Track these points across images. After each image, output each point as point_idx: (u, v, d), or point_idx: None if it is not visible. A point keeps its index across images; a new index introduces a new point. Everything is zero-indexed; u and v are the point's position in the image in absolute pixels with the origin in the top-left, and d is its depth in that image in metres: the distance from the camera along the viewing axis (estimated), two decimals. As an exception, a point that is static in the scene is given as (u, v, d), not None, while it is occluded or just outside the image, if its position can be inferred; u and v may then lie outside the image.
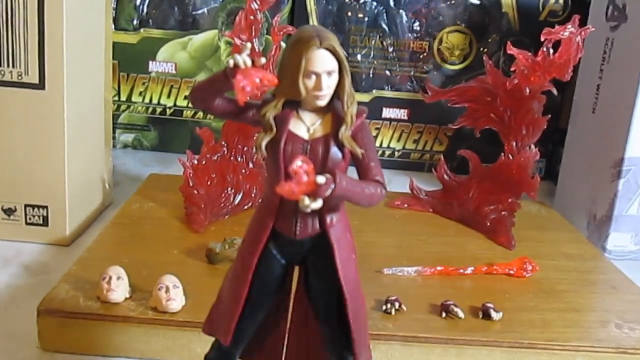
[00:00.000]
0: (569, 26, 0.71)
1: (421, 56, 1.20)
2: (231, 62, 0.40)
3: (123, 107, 1.20)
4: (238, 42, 0.78)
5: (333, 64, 0.41)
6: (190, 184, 0.80)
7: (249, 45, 0.42)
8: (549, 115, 0.81)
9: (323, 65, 0.41)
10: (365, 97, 1.20)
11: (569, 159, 1.01)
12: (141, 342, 0.58)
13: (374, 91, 1.21)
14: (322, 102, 0.42)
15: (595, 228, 0.91)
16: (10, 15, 0.73)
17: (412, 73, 1.20)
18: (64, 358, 0.58)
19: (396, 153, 1.23)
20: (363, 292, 0.46)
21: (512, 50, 0.76)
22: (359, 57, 1.19)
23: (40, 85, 0.75)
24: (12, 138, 0.76)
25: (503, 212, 0.84)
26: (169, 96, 1.20)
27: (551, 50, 0.76)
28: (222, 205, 0.82)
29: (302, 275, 0.46)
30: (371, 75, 1.20)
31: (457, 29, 1.19)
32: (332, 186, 0.39)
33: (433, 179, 0.93)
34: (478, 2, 1.18)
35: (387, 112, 1.21)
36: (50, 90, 0.75)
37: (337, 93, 0.42)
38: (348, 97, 0.42)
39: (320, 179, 0.38)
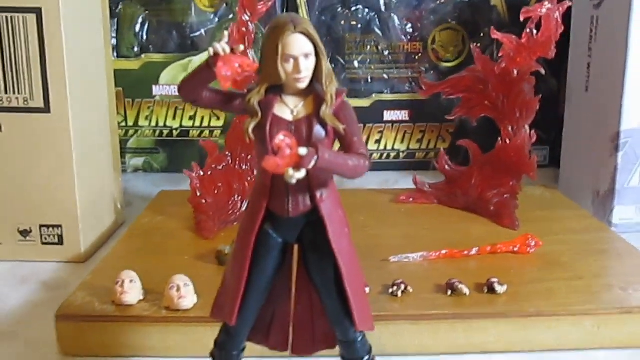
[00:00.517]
0: (546, 3, 0.73)
1: (416, 57, 1.22)
2: (211, 51, 0.43)
3: (131, 132, 1.23)
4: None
5: (309, 47, 0.44)
6: (198, 194, 0.82)
7: (226, 33, 0.44)
8: (540, 95, 0.82)
9: (299, 48, 0.43)
10: (365, 102, 1.22)
11: (568, 140, 1.02)
12: (156, 341, 0.60)
13: (373, 95, 1.23)
14: (302, 85, 0.44)
15: (599, 204, 0.92)
16: (12, 44, 0.77)
17: (409, 74, 1.22)
18: (84, 361, 0.60)
19: (401, 154, 1.25)
20: (363, 271, 0.48)
21: (496, 34, 0.78)
22: (355, 63, 1.22)
23: (46, 109, 0.78)
24: (23, 161, 0.79)
25: (505, 195, 0.85)
26: (174, 118, 1.23)
27: (534, 32, 0.78)
28: (230, 212, 0.84)
29: (300, 253, 0.48)
30: (369, 80, 1.23)
31: (448, 26, 1.21)
32: (315, 157, 0.41)
33: (439, 176, 0.94)
34: (467, 0, 1.20)
35: (389, 115, 1.23)
36: (56, 113, 0.78)
37: (316, 75, 0.45)
38: (326, 78, 0.44)
39: (303, 151, 0.40)
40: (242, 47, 0.43)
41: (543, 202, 0.93)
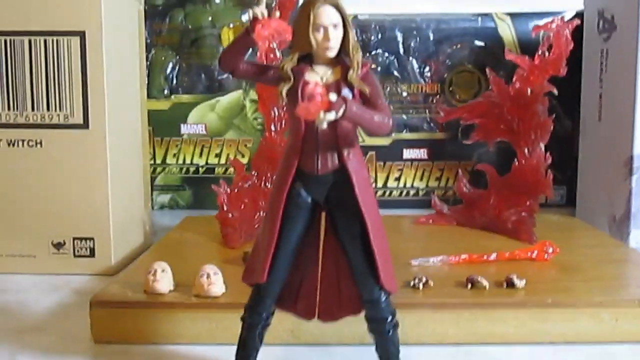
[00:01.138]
0: (556, 18, 0.77)
1: (434, 99, 1.27)
2: (250, 14, 0.48)
3: (159, 169, 1.28)
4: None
5: (337, 18, 0.48)
6: (225, 209, 0.86)
7: (264, 1, 0.49)
8: (554, 115, 0.86)
9: (329, 19, 0.48)
10: (385, 141, 1.26)
11: (583, 168, 1.05)
12: (186, 328, 0.62)
13: (393, 134, 1.27)
14: (331, 53, 0.49)
15: (616, 229, 0.94)
16: (56, 65, 0.82)
17: (427, 114, 1.27)
18: (115, 348, 0.62)
19: (420, 192, 1.28)
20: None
21: (510, 55, 0.83)
22: (375, 103, 1.26)
23: (85, 125, 0.83)
24: (61, 176, 0.83)
25: (523, 214, 0.87)
26: (200, 155, 1.28)
27: (546, 54, 0.82)
28: (255, 226, 0.87)
29: (327, 215, 0.51)
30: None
31: (464, 69, 1.26)
32: (344, 106, 0.45)
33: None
34: (482, 44, 1.26)
35: (408, 153, 1.27)
36: (94, 128, 0.83)
37: (344, 46, 0.49)
38: (353, 47, 0.49)
39: (333, 96, 0.45)
40: (278, 14, 0.48)
41: (560, 225, 0.95)
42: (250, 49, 0.50)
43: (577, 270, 0.72)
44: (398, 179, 1.27)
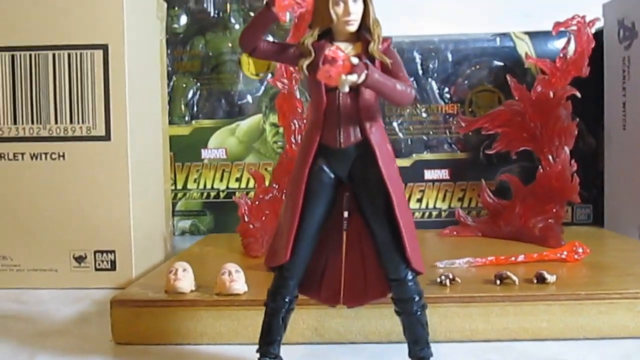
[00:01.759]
0: (577, 16, 0.77)
1: (454, 119, 1.27)
2: None
3: (179, 195, 1.28)
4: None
5: None
6: (246, 220, 0.85)
7: None
8: (577, 119, 0.85)
9: None
10: (406, 162, 1.25)
11: (610, 179, 1.03)
12: (208, 327, 0.61)
13: (413, 155, 1.26)
14: (352, 27, 0.49)
15: (647, 238, 0.91)
16: (80, 78, 0.83)
17: (447, 134, 1.26)
18: (136, 349, 0.61)
19: (443, 213, 1.26)
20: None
21: (531, 59, 0.82)
22: (395, 125, 1.26)
23: (107, 137, 0.84)
24: (83, 188, 0.83)
25: (550, 220, 0.86)
26: (221, 180, 1.28)
27: (568, 56, 0.82)
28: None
29: (351, 193, 0.50)
30: (409, 142, 1.27)
31: (484, 89, 1.26)
32: (365, 71, 0.44)
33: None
34: (502, 64, 1.26)
35: (429, 174, 1.26)
36: (116, 140, 0.83)
37: (364, 21, 0.49)
38: (373, 22, 0.49)
39: (354, 60, 0.44)
40: None
41: (589, 234, 0.93)
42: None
43: (609, 269, 0.70)
44: (420, 200, 1.26)
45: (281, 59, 0.51)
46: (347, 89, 0.45)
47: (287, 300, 0.50)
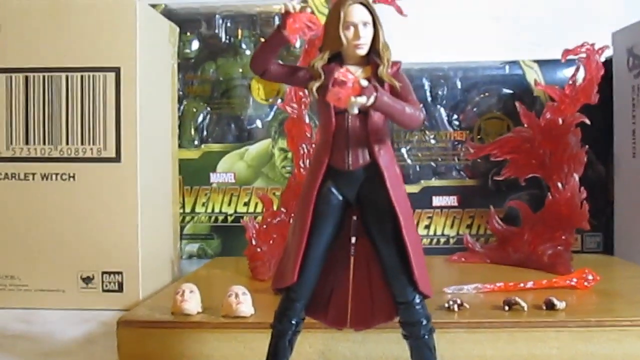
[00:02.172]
0: (586, 43, 0.77)
1: (463, 146, 1.27)
2: (282, 9, 0.48)
3: (187, 218, 1.28)
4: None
5: (367, 16, 0.49)
6: (254, 243, 0.85)
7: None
8: (587, 146, 0.85)
9: (359, 16, 0.48)
10: (414, 188, 1.25)
11: (620, 207, 1.03)
12: (214, 349, 0.61)
13: (422, 182, 1.26)
14: (361, 51, 0.49)
15: (658, 267, 0.90)
16: (92, 100, 0.84)
17: (456, 161, 1.26)
18: (142, 370, 0.61)
19: (451, 240, 1.25)
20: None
21: (540, 86, 0.82)
22: (403, 151, 1.27)
23: (117, 159, 0.84)
24: (92, 209, 0.84)
25: (559, 247, 0.85)
26: (229, 204, 1.28)
27: (577, 83, 0.82)
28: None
29: (359, 215, 0.50)
30: (418, 168, 1.27)
31: (493, 116, 1.26)
32: (374, 94, 0.45)
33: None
34: (511, 92, 1.26)
35: (437, 201, 1.26)
36: (126, 162, 0.84)
37: (374, 45, 0.49)
38: (382, 46, 0.49)
39: (364, 82, 0.45)
40: (309, 10, 0.49)
41: (598, 263, 0.92)
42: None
43: (620, 296, 0.69)
44: (428, 227, 1.25)
45: (291, 82, 0.52)
46: (356, 111, 0.45)
47: (293, 322, 0.50)
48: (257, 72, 0.51)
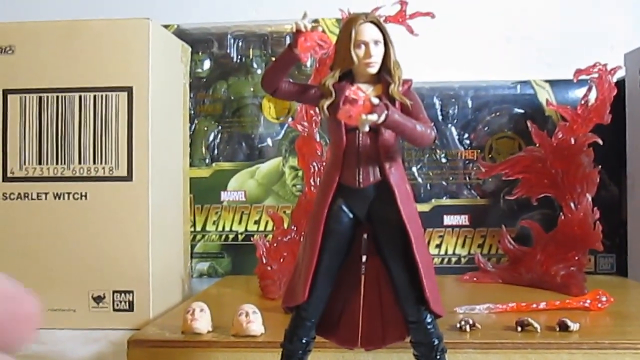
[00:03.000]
0: (598, 63, 0.77)
1: (474, 166, 1.26)
2: (294, 27, 0.49)
3: (198, 237, 1.28)
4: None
5: (378, 34, 0.49)
6: (264, 262, 0.85)
7: (307, 12, 0.50)
8: (600, 166, 0.84)
9: (370, 35, 0.49)
10: (425, 207, 1.25)
11: (633, 230, 1.02)
12: (224, 369, 0.60)
13: (432, 200, 1.26)
14: (372, 69, 0.49)
15: (672, 287, 0.89)
16: (104, 119, 0.85)
17: (467, 180, 1.26)
18: (152, 390, 0.60)
19: (462, 259, 1.25)
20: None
21: (552, 105, 0.82)
22: (414, 169, 1.26)
23: (129, 178, 0.84)
24: (103, 228, 0.84)
25: (572, 268, 0.84)
26: (240, 222, 1.28)
27: (589, 103, 0.82)
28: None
29: (369, 233, 0.50)
30: (429, 187, 1.27)
31: (504, 135, 1.26)
32: (386, 112, 0.45)
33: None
34: (522, 111, 1.26)
35: (448, 220, 1.25)
36: (137, 180, 0.84)
37: (385, 63, 0.50)
38: (394, 64, 0.50)
39: (375, 100, 0.45)
40: (320, 29, 0.49)
41: (612, 284, 0.91)
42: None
43: (634, 318, 0.68)
44: (439, 246, 1.25)
45: (302, 100, 0.52)
46: (367, 129, 0.45)
47: (304, 341, 0.50)
48: (268, 91, 0.51)
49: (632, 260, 1.03)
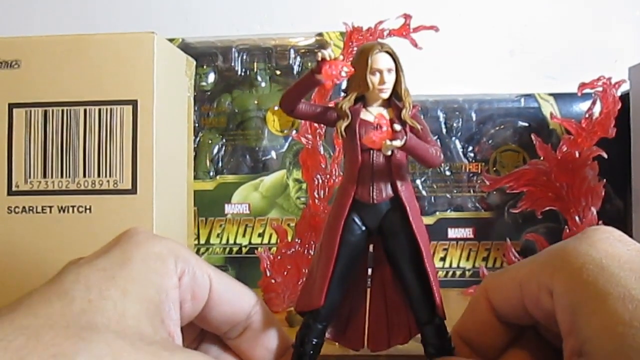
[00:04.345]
0: (602, 77, 0.78)
1: (478, 179, 1.27)
2: (319, 56, 0.52)
3: (202, 249, 1.28)
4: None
5: (392, 63, 0.53)
6: (268, 274, 0.85)
7: (331, 44, 0.53)
8: (604, 180, 0.84)
9: (384, 64, 0.53)
10: (429, 220, 1.25)
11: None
12: (227, 384, 0.60)
13: (437, 213, 1.26)
14: (385, 95, 0.53)
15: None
16: (108, 133, 0.85)
17: (471, 193, 1.26)
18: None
19: (467, 272, 1.25)
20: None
21: (556, 119, 0.82)
22: (418, 182, 1.27)
23: (133, 190, 0.85)
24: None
25: (577, 281, 0.84)
26: (244, 235, 1.28)
27: (594, 117, 0.82)
28: (298, 292, 0.86)
29: (380, 244, 0.54)
30: (433, 200, 1.27)
31: (509, 148, 1.26)
32: (405, 137, 0.50)
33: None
34: (526, 124, 1.26)
35: (453, 233, 1.25)
36: (142, 193, 0.84)
37: (396, 88, 0.54)
38: (404, 90, 0.54)
39: (397, 126, 0.51)
40: (342, 57, 0.51)
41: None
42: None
43: None
44: (443, 259, 1.25)
45: (319, 120, 0.56)
46: (389, 153, 0.50)
47: (314, 342, 0.53)
48: (285, 111, 0.54)
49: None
